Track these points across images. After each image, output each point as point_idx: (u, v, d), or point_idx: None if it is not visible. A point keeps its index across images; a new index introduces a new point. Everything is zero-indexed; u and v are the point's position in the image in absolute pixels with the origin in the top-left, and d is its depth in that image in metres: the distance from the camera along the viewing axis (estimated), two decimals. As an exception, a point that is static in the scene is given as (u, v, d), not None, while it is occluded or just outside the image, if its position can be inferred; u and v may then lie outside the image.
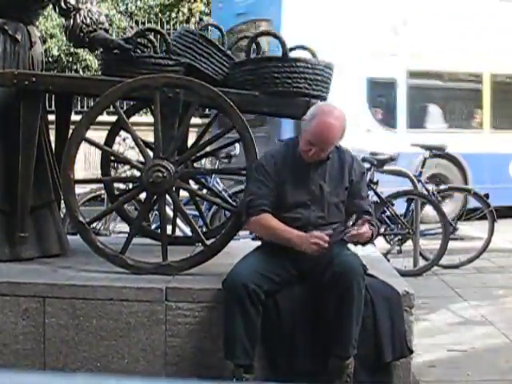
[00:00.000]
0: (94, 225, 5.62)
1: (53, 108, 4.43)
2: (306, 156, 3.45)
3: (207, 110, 13.13)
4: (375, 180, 6.83)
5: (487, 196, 7.24)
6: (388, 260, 5.79)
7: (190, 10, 18.33)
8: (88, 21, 4.09)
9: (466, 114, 11.42)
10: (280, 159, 3.51)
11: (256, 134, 3.80)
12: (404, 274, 5.83)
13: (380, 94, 10.96)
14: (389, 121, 10.75)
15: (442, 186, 7.82)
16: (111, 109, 4.39)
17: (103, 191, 5.97)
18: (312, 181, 3.50)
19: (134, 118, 5.09)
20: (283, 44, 3.83)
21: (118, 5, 17.38)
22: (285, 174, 3.49)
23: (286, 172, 3.49)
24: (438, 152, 7.84)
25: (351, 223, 3.35)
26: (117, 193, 4.90)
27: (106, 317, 3.51)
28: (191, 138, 4.65)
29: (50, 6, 4.25)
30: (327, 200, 3.49)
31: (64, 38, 10.16)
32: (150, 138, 4.13)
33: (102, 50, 4.12)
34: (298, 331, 3.35)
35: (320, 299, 3.30)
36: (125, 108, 5.30)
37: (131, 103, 4.89)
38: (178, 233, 5.34)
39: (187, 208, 4.52)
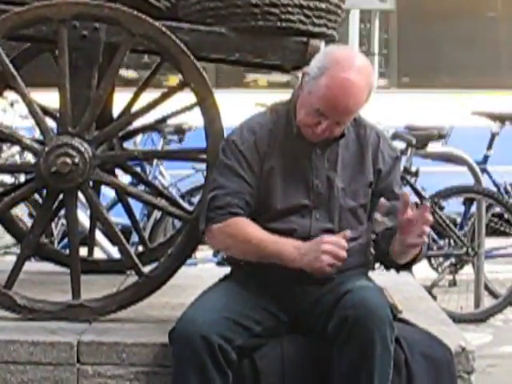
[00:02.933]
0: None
1: None
2: (311, 133, 3.45)
3: (145, 56, 13.13)
4: (414, 169, 6.88)
5: None
6: (434, 297, 5.85)
7: None
8: None
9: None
10: (264, 136, 3.51)
11: None
12: (460, 319, 5.93)
13: None
14: None
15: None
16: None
17: (-21, 187, 5.99)
18: (316, 172, 3.51)
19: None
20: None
21: None
22: (272, 161, 3.50)
23: (273, 157, 3.50)
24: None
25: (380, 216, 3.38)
26: (0, 190, 4.92)
27: (-18, 388, 3.53)
28: (120, 103, 4.66)
29: None
30: (339, 202, 3.51)
31: None
32: (53, 102, 4.12)
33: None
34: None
35: (323, 359, 3.32)
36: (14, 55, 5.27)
37: (24, 47, 4.87)
38: (98, 254, 5.34)
39: (113, 214, 4.52)
